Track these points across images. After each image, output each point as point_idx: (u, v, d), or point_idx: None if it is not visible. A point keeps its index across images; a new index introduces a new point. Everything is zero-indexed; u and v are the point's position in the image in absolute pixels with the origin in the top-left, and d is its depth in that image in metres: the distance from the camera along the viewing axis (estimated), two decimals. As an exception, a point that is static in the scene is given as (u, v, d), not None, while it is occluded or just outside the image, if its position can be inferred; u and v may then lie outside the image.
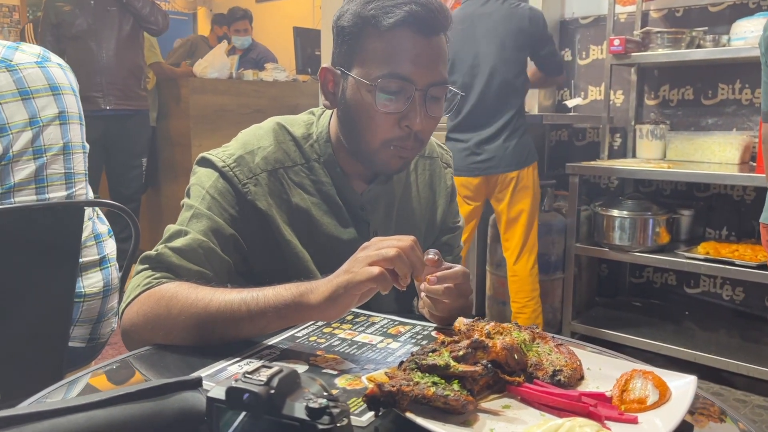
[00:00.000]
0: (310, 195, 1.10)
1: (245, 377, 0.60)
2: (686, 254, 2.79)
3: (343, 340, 0.96)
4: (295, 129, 1.11)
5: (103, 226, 1.63)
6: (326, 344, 0.94)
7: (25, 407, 0.65)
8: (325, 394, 0.61)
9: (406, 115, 1.00)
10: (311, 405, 0.57)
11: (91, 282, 1.56)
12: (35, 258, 1.40)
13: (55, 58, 1.55)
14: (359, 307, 1.09)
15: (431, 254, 0.96)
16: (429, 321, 1.04)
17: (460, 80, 2.73)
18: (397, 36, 0.97)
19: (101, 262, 1.58)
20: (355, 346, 0.93)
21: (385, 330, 1.00)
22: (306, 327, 1.00)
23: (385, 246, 0.84)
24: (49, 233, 1.41)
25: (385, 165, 1.06)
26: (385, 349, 0.93)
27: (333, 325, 1.01)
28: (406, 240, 0.85)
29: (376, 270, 0.82)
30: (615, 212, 2.94)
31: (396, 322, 1.04)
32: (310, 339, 0.96)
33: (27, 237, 1.37)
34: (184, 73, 4.32)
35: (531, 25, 2.71)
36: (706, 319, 3.11)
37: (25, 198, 1.42)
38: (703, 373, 2.77)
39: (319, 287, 0.87)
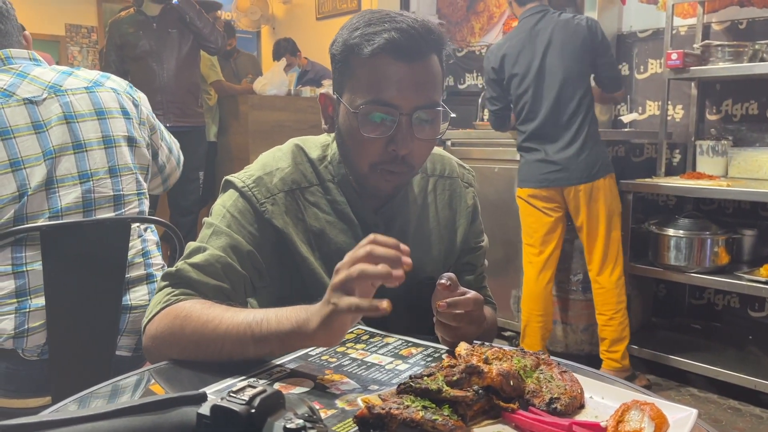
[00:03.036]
0: (326, 214, 1.13)
1: (230, 396, 0.62)
2: (747, 276, 2.67)
3: (354, 359, 0.97)
4: (312, 151, 1.15)
5: (153, 238, 1.70)
6: (336, 363, 0.96)
7: (37, 416, 0.69)
8: (306, 415, 0.63)
9: (392, 139, 1.02)
10: (288, 425, 0.60)
11: (137, 295, 1.63)
12: (84, 270, 1.48)
13: (110, 83, 1.61)
14: (376, 327, 1.11)
15: (443, 279, 0.96)
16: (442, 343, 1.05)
17: (531, 92, 2.77)
18: (378, 63, 1.00)
19: (147, 277, 1.65)
20: (363, 367, 0.95)
21: (397, 351, 1.01)
22: (320, 345, 1.02)
23: (346, 267, 0.84)
24: (98, 247, 1.49)
25: (375, 188, 1.09)
26: (392, 370, 0.94)
27: (347, 345, 1.03)
28: (360, 251, 0.84)
29: (354, 300, 0.82)
30: (671, 231, 2.85)
31: (410, 344, 1.05)
32: (322, 358, 0.98)
33: (76, 251, 1.45)
34: (244, 91, 4.47)
35: (589, 34, 2.72)
36: (770, 344, 2.96)
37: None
38: (766, 401, 2.64)
39: (314, 315, 0.86)
